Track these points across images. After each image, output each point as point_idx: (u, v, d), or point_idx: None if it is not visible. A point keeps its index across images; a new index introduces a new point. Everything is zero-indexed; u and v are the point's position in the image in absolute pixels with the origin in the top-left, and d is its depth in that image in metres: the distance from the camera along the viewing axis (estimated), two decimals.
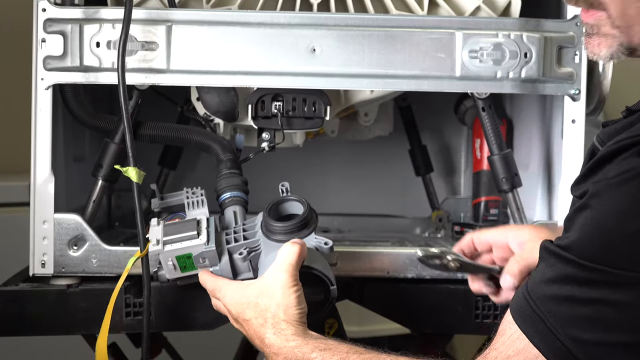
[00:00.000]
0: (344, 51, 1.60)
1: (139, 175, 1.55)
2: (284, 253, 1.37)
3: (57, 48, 1.57)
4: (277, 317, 1.33)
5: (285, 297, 1.33)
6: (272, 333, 1.32)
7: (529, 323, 1.06)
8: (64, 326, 1.61)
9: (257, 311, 1.35)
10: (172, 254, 1.48)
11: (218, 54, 1.59)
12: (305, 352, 1.27)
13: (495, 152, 1.71)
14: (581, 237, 1.01)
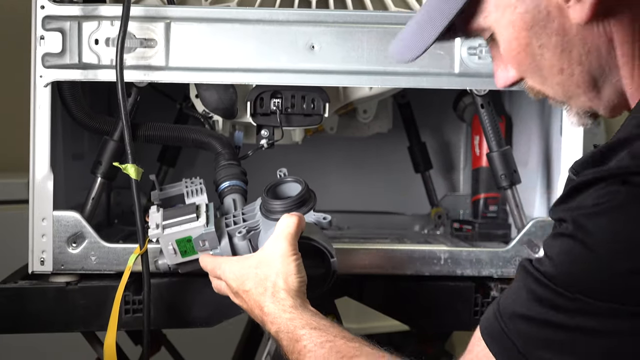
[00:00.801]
0: (343, 48, 1.60)
1: (138, 172, 1.55)
2: (282, 224, 1.39)
3: (55, 45, 1.58)
4: (277, 285, 1.34)
5: (285, 265, 1.35)
6: (270, 302, 1.34)
7: (498, 342, 1.05)
8: (63, 323, 1.61)
9: (256, 281, 1.36)
10: (172, 238, 1.49)
11: (217, 51, 1.60)
12: (296, 327, 1.29)
13: (494, 149, 1.72)
14: (559, 264, 1.01)
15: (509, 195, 1.73)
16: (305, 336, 1.27)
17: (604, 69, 1.10)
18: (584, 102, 1.14)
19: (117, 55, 1.54)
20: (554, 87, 1.14)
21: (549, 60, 1.11)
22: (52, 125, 1.60)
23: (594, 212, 0.98)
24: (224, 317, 1.63)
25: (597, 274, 0.97)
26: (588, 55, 1.09)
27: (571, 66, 1.10)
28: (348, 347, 1.23)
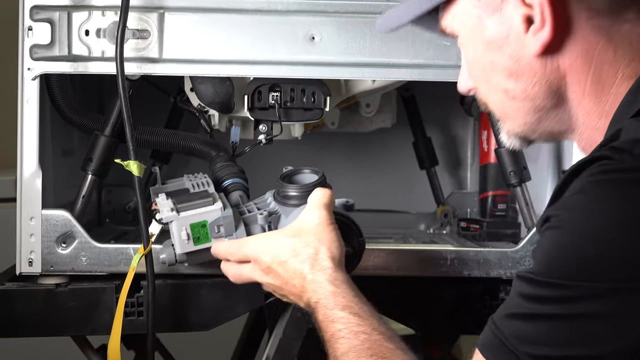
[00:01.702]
0: (345, 39, 1.61)
1: (140, 169, 1.55)
2: (317, 195, 1.43)
3: (44, 36, 1.58)
4: (320, 253, 1.36)
5: (327, 232, 1.38)
6: (313, 270, 1.35)
7: (492, 352, 1.06)
8: (52, 327, 1.62)
9: (295, 249, 1.37)
10: (187, 221, 1.47)
11: (213, 43, 1.60)
12: (336, 305, 1.30)
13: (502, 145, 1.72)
14: (541, 257, 1.03)
15: (518, 193, 1.73)
16: (343, 320, 1.29)
17: (548, 101, 1.15)
18: (519, 126, 1.19)
19: (117, 46, 1.54)
20: (495, 102, 1.20)
21: (496, 78, 1.16)
22: (41, 120, 1.60)
23: (568, 204, 1.01)
24: (220, 320, 1.63)
25: (574, 253, 0.99)
26: (534, 86, 1.14)
27: (515, 90, 1.15)
28: (382, 346, 1.24)
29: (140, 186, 1.56)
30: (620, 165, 1.00)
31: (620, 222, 0.97)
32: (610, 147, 1.03)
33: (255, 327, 2.43)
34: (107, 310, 1.59)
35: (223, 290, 1.62)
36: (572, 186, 1.03)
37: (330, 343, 1.30)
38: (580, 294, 0.98)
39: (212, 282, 1.62)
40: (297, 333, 1.61)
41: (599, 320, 0.98)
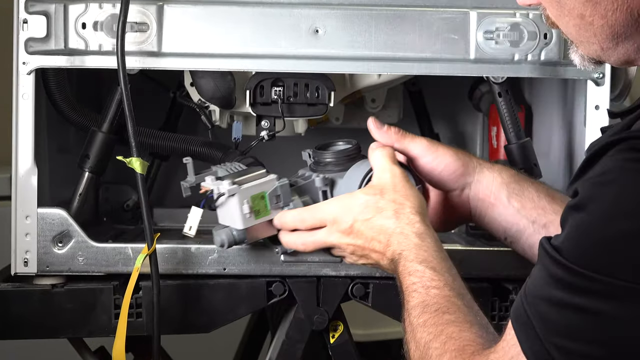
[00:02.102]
0: (349, 32, 1.60)
1: (144, 166, 1.55)
2: (380, 155, 1.44)
3: (40, 30, 1.57)
4: (405, 207, 1.38)
5: (407, 188, 1.40)
6: (397, 224, 1.37)
7: (522, 328, 1.06)
8: (48, 329, 1.61)
9: (379, 207, 1.39)
10: (249, 193, 1.48)
11: (213, 36, 1.59)
12: (415, 258, 1.33)
13: (512, 141, 1.71)
14: (571, 239, 1.02)
15: None
16: (419, 274, 1.30)
17: (629, 27, 1.10)
18: (595, 51, 1.15)
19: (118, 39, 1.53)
20: (569, 27, 1.15)
21: (571, 1, 1.12)
22: (37, 116, 1.59)
23: (601, 181, 0.99)
24: (222, 322, 1.63)
25: (610, 250, 0.98)
26: (615, 12, 1.09)
27: (593, 16, 1.10)
28: (449, 302, 1.26)
29: (143, 184, 1.55)
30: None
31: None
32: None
33: (257, 329, 2.42)
34: (105, 312, 1.59)
35: (224, 291, 1.61)
36: (601, 163, 1.01)
37: (405, 295, 1.31)
38: (614, 293, 0.97)
39: (214, 283, 1.61)
40: (300, 335, 1.61)
41: (631, 323, 0.97)
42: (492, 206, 1.50)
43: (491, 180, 1.49)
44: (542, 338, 1.02)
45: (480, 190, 1.50)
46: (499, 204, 1.49)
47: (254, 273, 1.61)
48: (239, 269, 1.61)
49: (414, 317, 1.27)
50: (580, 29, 1.13)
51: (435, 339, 1.21)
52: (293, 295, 1.61)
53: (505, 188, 1.48)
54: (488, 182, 1.49)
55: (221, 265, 1.61)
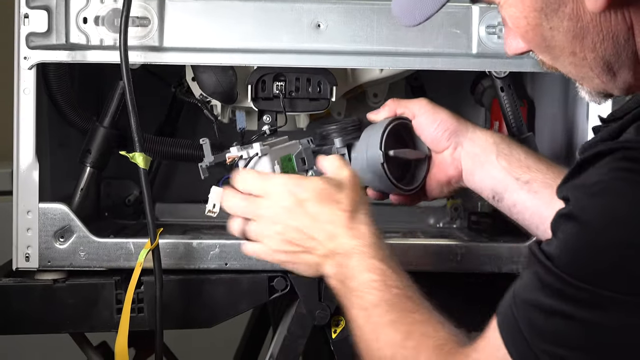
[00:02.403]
0: (351, 27, 1.60)
1: (146, 161, 1.55)
2: (333, 158, 1.44)
3: (41, 24, 1.57)
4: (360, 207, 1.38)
5: (363, 192, 1.43)
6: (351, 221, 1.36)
7: (509, 330, 1.06)
8: (50, 324, 1.61)
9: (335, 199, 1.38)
10: (279, 154, 1.49)
11: (215, 30, 1.59)
12: (376, 255, 1.33)
13: (515, 136, 1.71)
14: (562, 248, 1.02)
15: None
16: (379, 271, 1.31)
17: (620, 55, 1.10)
18: (597, 85, 1.15)
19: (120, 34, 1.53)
20: (566, 66, 1.15)
21: (560, 43, 1.11)
22: (38, 111, 1.60)
23: (594, 191, 0.99)
24: (223, 317, 1.63)
25: (600, 260, 0.98)
26: (603, 42, 1.09)
27: (584, 51, 1.11)
28: (415, 302, 1.27)
29: (146, 179, 1.55)
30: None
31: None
32: (633, 132, 1.00)
33: (259, 324, 2.42)
34: (107, 307, 1.59)
35: (226, 286, 1.62)
36: (594, 170, 1.01)
37: (358, 292, 1.30)
38: (600, 302, 0.98)
39: (215, 278, 1.61)
40: (302, 330, 1.61)
41: (615, 332, 0.98)
42: (482, 164, 1.51)
43: (483, 140, 1.51)
44: (529, 342, 1.03)
45: (471, 149, 1.52)
46: (488, 162, 1.50)
47: (255, 268, 1.62)
48: (241, 264, 1.62)
49: (377, 315, 1.26)
50: (577, 66, 1.13)
51: (408, 337, 1.21)
52: (295, 290, 1.61)
53: (495, 148, 1.50)
54: (479, 141, 1.52)
55: (223, 260, 1.62)
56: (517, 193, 1.48)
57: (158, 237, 1.55)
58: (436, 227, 2.09)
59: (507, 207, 1.51)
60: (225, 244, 1.61)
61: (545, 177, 1.47)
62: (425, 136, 1.53)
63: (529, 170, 1.48)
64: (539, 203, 1.45)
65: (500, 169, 1.49)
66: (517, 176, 1.48)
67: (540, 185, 1.46)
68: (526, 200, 1.47)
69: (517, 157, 1.50)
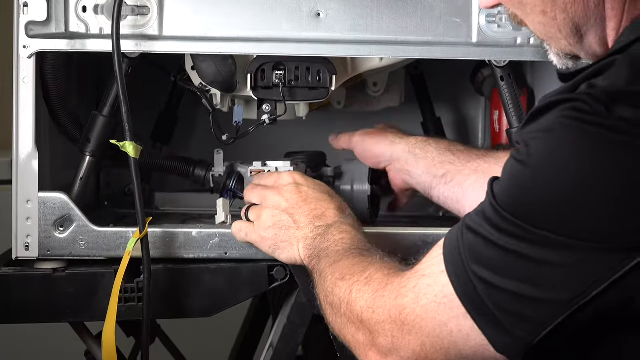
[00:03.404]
0: (351, 16, 1.60)
1: (137, 150, 1.55)
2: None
3: (40, 13, 1.57)
4: (346, 208, 1.59)
5: None
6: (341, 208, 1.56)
7: (451, 251, 1.15)
8: (49, 313, 1.62)
9: (328, 196, 1.59)
10: None
11: (214, 19, 1.59)
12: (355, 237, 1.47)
13: (514, 125, 1.71)
14: (505, 187, 1.10)
15: None
16: (350, 234, 1.47)
17: (589, 19, 1.15)
18: (564, 46, 1.20)
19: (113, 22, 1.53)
20: (535, 24, 1.21)
21: (532, 0, 1.17)
22: (37, 100, 1.60)
23: (539, 136, 1.06)
24: (223, 307, 1.63)
25: (535, 199, 1.06)
26: (574, 4, 1.14)
27: (554, 11, 1.16)
28: (379, 256, 1.37)
29: (136, 168, 1.55)
30: (594, 118, 1.03)
31: (581, 183, 1.03)
32: (589, 91, 1.05)
33: (259, 313, 2.43)
34: (106, 296, 1.59)
35: (225, 275, 1.62)
36: (544, 119, 1.07)
37: (327, 251, 1.43)
38: (536, 240, 1.05)
39: (215, 267, 1.62)
40: (302, 320, 1.61)
41: (549, 268, 1.05)
42: (409, 173, 1.73)
43: (401, 150, 1.73)
44: (465, 264, 1.11)
45: (399, 165, 1.74)
46: (411, 169, 1.72)
47: (255, 257, 1.62)
48: (241, 253, 1.62)
49: (341, 266, 1.36)
50: (546, 25, 1.19)
51: (363, 272, 1.30)
52: (294, 279, 1.61)
53: (412, 155, 1.72)
54: (398, 153, 1.73)
55: (222, 249, 1.62)
56: (437, 188, 1.68)
57: (147, 226, 1.55)
58: (437, 216, 2.10)
59: (437, 201, 1.71)
60: (225, 233, 1.62)
61: (456, 167, 1.66)
62: (367, 163, 1.78)
63: (443, 165, 1.68)
64: (455, 189, 1.65)
65: (420, 174, 1.71)
66: (434, 174, 1.68)
67: (454, 175, 1.66)
68: (445, 191, 1.67)
69: (431, 156, 1.70)
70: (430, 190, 1.70)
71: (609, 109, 1.02)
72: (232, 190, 1.72)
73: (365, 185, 1.77)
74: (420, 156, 1.70)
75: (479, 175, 1.63)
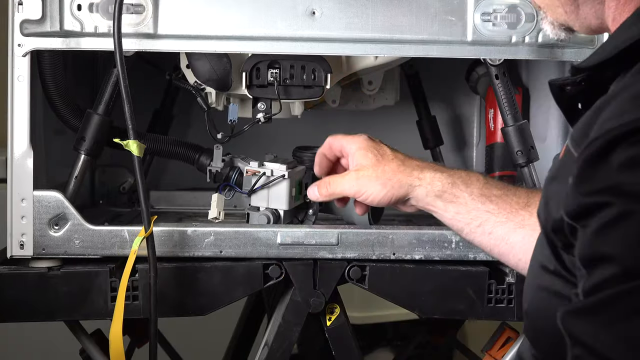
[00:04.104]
0: (346, 14, 1.60)
1: (140, 149, 1.55)
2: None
3: (35, 11, 1.57)
4: None
5: None
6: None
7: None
8: (44, 312, 1.62)
9: None
10: (295, 178, 1.68)
11: (209, 17, 1.59)
12: None
13: (509, 123, 1.72)
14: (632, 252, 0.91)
15: (525, 174, 1.73)
16: None
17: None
18: (560, 15, 1.19)
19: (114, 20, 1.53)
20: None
21: None
22: (32, 98, 1.60)
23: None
24: (218, 305, 1.63)
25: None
26: None
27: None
28: None
29: (140, 167, 1.55)
30: None
31: None
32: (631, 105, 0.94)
33: (254, 312, 2.43)
34: (101, 295, 1.59)
35: (221, 274, 1.62)
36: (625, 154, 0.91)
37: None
38: None
39: (210, 266, 1.62)
40: (297, 318, 1.62)
41: None
42: (434, 213, 1.59)
43: (424, 194, 1.57)
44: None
45: (419, 203, 1.59)
46: (438, 211, 1.58)
47: (250, 256, 1.62)
48: (236, 251, 1.62)
49: None
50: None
51: None
52: (289, 277, 1.62)
53: (439, 199, 1.57)
54: (422, 196, 1.57)
55: (218, 247, 1.62)
56: (472, 236, 1.57)
57: (152, 224, 1.56)
58: None
59: (470, 242, 1.60)
60: (220, 231, 1.62)
61: (497, 217, 1.53)
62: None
63: (479, 214, 1.54)
64: (498, 242, 1.53)
65: (450, 217, 1.57)
66: (467, 222, 1.56)
67: (493, 226, 1.54)
68: (483, 241, 1.55)
69: (463, 202, 1.56)
70: (461, 233, 1.59)
71: None
72: (231, 185, 1.71)
73: None
74: (449, 200, 1.56)
75: (526, 231, 1.49)
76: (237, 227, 1.63)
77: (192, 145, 1.77)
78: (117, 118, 1.64)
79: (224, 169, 1.71)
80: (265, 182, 1.67)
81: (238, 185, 1.70)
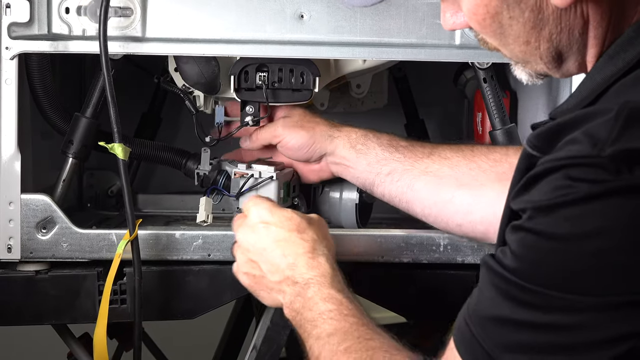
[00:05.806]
0: (335, 17, 1.60)
1: (126, 152, 1.55)
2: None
3: (23, 14, 1.57)
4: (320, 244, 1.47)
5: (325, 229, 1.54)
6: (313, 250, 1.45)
7: (469, 350, 1.06)
8: (32, 315, 1.62)
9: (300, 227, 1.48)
10: (283, 180, 1.68)
11: (198, 21, 1.59)
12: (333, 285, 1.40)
13: (497, 127, 1.72)
14: (521, 258, 1.02)
15: None
16: (335, 301, 1.37)
17: (572, 47, 1.13)
18: (540, 69, 1.18)
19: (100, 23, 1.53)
20: (515, 52, 1.17)
21: (516, 32, 1.13)
22: (20, 101, 1.60)
23: (547, 205, 0.99)
24: (206, 309, 1.63)
25: (559, 266, 0.99)
26: (560, 34, 1.12)
27: (539, 41, 1.13)
28: (371, 329, 1.31)
29: (125, 170, 1.55)
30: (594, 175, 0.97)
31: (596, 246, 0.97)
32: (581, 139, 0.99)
33: (242, 315, 2.43)
34: (89, 298, 1.59)
35: (209, 277, 1.62)
36: (547, 186, 1.01)
37: (316, 322, 1.34)
38: (565, 305, 0.99)
39: (198, 269, 1.62)
40: (285, 321, 1.61)
41: (581, 331, 0.98)
42: (347, 168, 1.67)
43: (341, 146, 1.66)
44: (492, 356, 1.03)
45: (333, 159, 1.68)
46: (351, 165, 1.66)
47: None
48: (224, 255, 1.62)
49: (334, 344, 1.29)
50: (527, 53, 1.15)
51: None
52: None
53: (353, 150, 1.66)
54: (339, 148, 1.67)
55: (206, 251, 1.62)
56: (382, 186, 1.64)
57: (137, 228, 1.55)
58: None
59: (379, 197, 1.67)
60: (208, 235, 1.62)
61: (404, 165, 1.62)
62: (291, 154, 1.70)
63: (387, 163, 1.63)
64: (404, 190, 1.62)
65: (362, 170, 1.65)
66: (377, 171, 1.64)
67: (401, 174, 1.62)
68: (392, 190, 1.63)
69: (374, 152, 1.64)
70: (372, 187, 1.65)
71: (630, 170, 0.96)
72: (219, 189, 1.70)
73: (354, 193, 1.74)
74: (361, 152, 1.65)
75: (429, 178, 1.60)
76: (226, 230, 1.63)
77: (179, 150, 1.78)
78: (104, 122, 1.64)
79: (212, 172, 1.71)
80: (254, 184, 1.66)
81: (226, 188, 1.69)
